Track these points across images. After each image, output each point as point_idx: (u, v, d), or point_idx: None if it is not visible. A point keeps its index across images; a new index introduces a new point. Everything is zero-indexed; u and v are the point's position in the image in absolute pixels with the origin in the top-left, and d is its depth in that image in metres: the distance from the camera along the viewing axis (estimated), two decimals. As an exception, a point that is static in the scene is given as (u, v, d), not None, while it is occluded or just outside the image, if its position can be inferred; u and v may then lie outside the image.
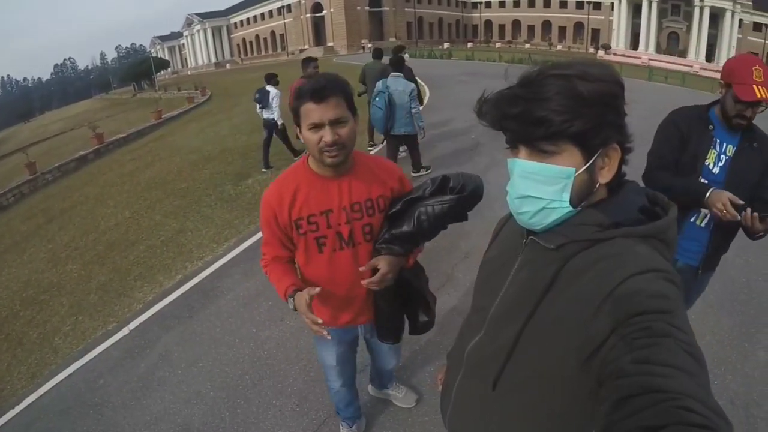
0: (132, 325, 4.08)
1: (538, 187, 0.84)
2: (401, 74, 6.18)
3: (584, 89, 0.77)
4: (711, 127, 2.02)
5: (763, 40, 50.79)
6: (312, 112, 1.52)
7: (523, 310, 0.87)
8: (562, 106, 0.77)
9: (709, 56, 52.12)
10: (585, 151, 0.81)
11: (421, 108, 6.53)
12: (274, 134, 8.29)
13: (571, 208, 0.84)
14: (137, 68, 49.45)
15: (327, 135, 1.53)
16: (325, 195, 1.68)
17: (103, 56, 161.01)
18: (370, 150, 8.56)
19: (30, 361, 3.95)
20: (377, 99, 5.99)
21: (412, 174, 6.75)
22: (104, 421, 3.03)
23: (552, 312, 0.83)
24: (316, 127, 1.54)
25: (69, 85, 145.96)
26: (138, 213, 7.28)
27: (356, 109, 1.64)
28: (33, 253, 6.89)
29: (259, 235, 5.47)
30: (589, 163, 0.82)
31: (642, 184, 0.94)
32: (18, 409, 3.36)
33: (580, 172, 0.82)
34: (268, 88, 8.06)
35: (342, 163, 1.63)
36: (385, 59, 7.96)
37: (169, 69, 71.40)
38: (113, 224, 7.02)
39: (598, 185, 0.85)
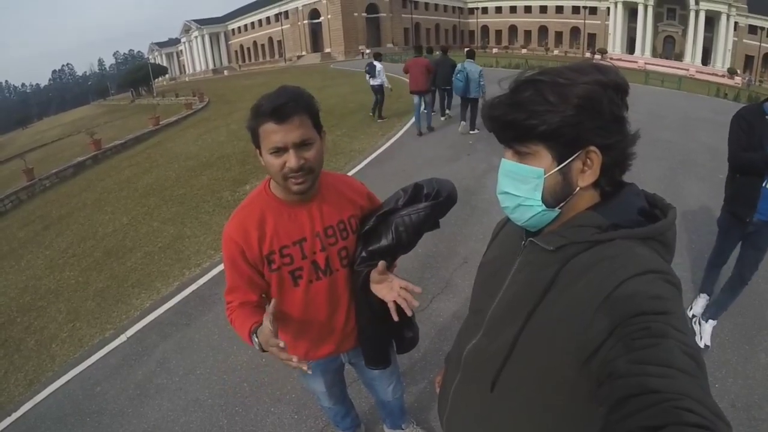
0: (129, 332, 4.07)
1: (515, 185, 0.88)
2: (473, 60, 9.59)
3: (552, 93, 0.80)
4: (767, 117, 2.65)
5: (758, 43, 51.16)
6: (273, 134, 1.35)
7: (522, 311, 0.87)
8: (529, 110, 0.81)
9: (705, 59, 52.59)
10: (556, 153, 0.83)
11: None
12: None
13: (544, 208, 0.87)
14: (135, 74, 49.52)
15: (291, 160, 1.36)
16: (294, 223, 1.54)
17: (101, 62, 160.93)
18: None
19: (27, 368, 3.93)
20: (458, 75, 9.36)
21: (469, 132, 9.88)
22: (102, 429, 3.02)
23: (551, 313, 0.83)
24: (279, 151, 1.36)
25: (67, 91, 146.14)
26: (136, 219, 7.27)
27: (322, 127, 1.48)
28: (30, 259, 6.86)
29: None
30: (561, 166, 0.83)
31: (640, 187, 0.94)
32: (15, 416, 3.34)
33: (551, 173, 0.84)
34: (375, 62, 11.35)
35: (309, 189, 1.47)
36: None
37: (167, 75, 71.48)
38: (111, 231, 7.01)
39: (578, 188, 0.85)
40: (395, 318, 1.42)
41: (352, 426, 2.43)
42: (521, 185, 0.87)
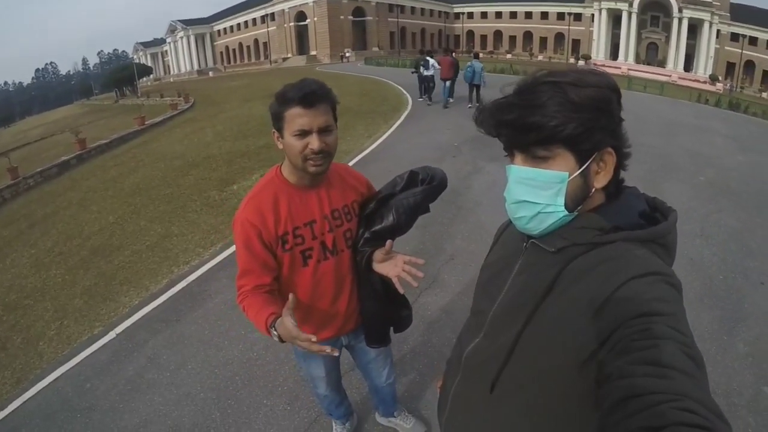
0: (119, 329, 4.05)
1: (533, 192, 0.85)
2: (478, 60, 13.82)
3: (575, 95, 0.79)
4: None
5: (740, 50, 52.27)
6: (299, 117, 1.46)
7: (523, 311, 0.87)
8: (553, 111, 0.79)
9: (688, 66, 53.61)
10: (578, 156, 0.83)
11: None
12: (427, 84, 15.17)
13: (566, 213, 0.85)
14: (120, 74, 48.64)
15: (314, 142, 1.48)
16: (305, 206, 1.64)
17: (85, 62, 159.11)
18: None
19: (14, 365, 3.90)
20: (468, 69, 13.35)
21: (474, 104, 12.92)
22: (92, 425, 3.01)
23: (552, 314, 0.83)
24: (304, 133, 1.47)
25: (50, 90, 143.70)
26: (122, 218, 7.22)
27: (337, 119, 1.60)
28: (15, 258, 6.79)
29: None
30: (583, 168, 0.83)
31: (642, 191, 0.95)
32: (2, 414, 3.31)
33: (574, 176, 0.83)
34: (428, 57, 14.71)
35: (324, 172, 1.60)
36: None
37: (151, 75, 70.74)
38: (97, 229, 6.96)
39: (594, 190, 0.86)
40: (401, 291, 1.52)
41: (346, 414, 2.48)
42: (541, 192, 0.85)
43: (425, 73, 14.82)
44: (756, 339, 3.51)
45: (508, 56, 61.38)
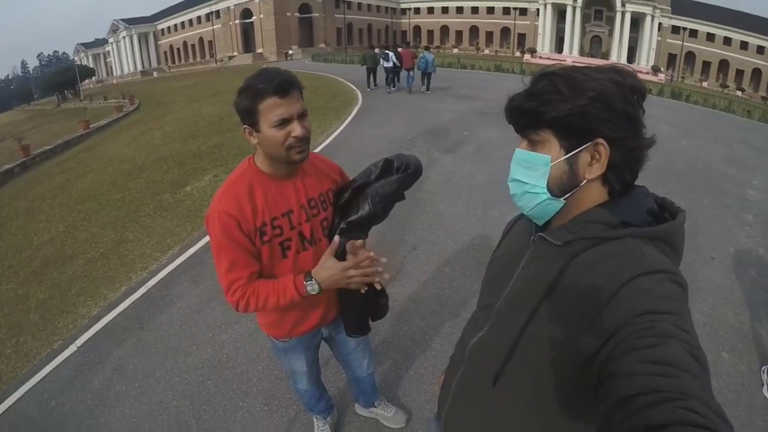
0: (79, 342, 3.89)
1: (525, 172, 0.91)
2: (430, 52, 16.28)
3: (564, 85, 0.83)
4: None
5: (681, 42, 55.08)
6: (277, 107, 1.43)
7: (528, 305, 0.88)
8: (541, 98, 0.85)
9: (631, 58, 55.99)
10: (564, 142, 0.86)
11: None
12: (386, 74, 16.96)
13: (548, 196, 0.89)
14: (61, 77, 46.23)
15: (297, 129, 1.47)
16: (282, 196, 1.61)
17: (24, 65, 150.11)
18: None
19: (-32, 389, 3.67)
20: (422, 59, 15.57)
21: (426, 92, 16.34)
22: (61, 444, 2.89)
23: (556, 308, 0.84)
24: (284, 122, 1.45)
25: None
26: (73, 226, 6.91)
27: None
28: (-43, 274, 6.38)
29: (204, 240, 5.43)
30: (569, 155, 0.85)
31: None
32: (-40, 443, 3.12)
33: (558, 161, 0.86)
34: (387, 51, 16.74)
35: (306, 157, 1.58)
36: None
37: (94, 78, 67.51)
38: (47, 239, 6.63)
39: (585, 181, 0.87)
40: (378, 287, 1.58)
41: (327, 408, 2.49)
42: (530, 172, 0.90)
43: (385, 64, 16.55)
44: (711, 309, 3.84)
45: (455, 51, 62.11)
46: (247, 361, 3.33)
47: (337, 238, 1.59)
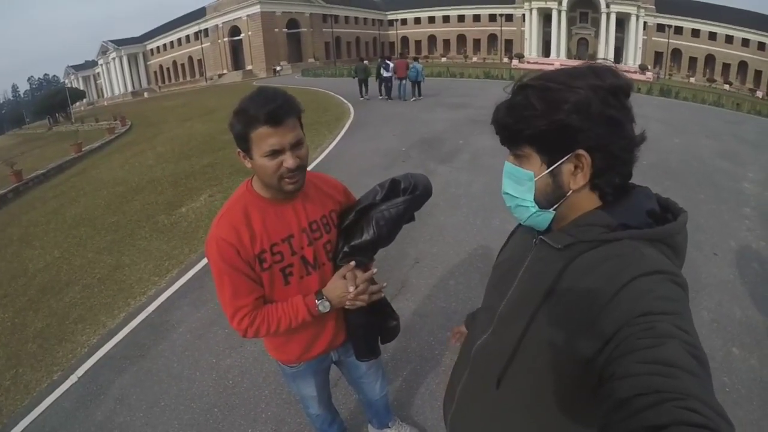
0: (80, 372, 3.80)
1: (513, 186, 0.93)
2: (420, 63, 18.58)
3: (538, 99, 0.83)
4: None
5: (666, 40, 55.75)
6: (269, 137, 1.36)
7: (529, 307, 0.88)
8: (517, 114, 0.86)
9: (618, 58, 56.54)
10: (545, 157, 0.86)
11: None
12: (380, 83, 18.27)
13: (537, 209, 0.90)
14: (51, 100, 46.00)
15: (289, 161, 1.40)
16: (281, 220, 1.55)
17: (15, 89, 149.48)
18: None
19: (-33, 426, 3.59)
20: (413, 69, 17.50)
21: (419, 98, 17.75)
22: (63, 478, 2.81)
23: (556, 310, 0.84)
24: (275, 153, 1.39)
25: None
26: (68, 252, 6.83)
27: (303, 127, 1.52)
28: (-49, 306, 6.26)
29: (203, 263, 5.36)
30: (550, 169, 0.86)
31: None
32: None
33: (541, 176, 0.87)
34: (387, 61, 18.02)
35: (302, 186, 1.52)
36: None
37: (84, 100, 67.40)
38: (43, 266, 6.53)
39: (571, 191, 0.87)
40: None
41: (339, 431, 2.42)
42: (518, 186, 0.92)
43: (385, 74, 17.98)
44: (718, 305, 3.82)
45: (443, 59, 62.47)
46: (253, 386, 3.25)
47: (352, 263, 1.57)
